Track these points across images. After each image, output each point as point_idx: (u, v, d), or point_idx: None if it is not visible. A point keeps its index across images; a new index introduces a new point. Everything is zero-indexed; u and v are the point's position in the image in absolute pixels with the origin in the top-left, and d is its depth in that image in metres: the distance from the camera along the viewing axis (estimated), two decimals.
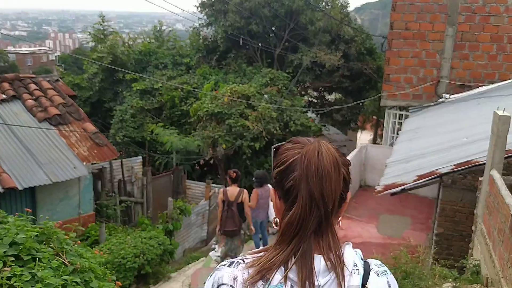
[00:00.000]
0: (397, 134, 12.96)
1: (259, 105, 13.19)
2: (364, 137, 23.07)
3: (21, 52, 56.92)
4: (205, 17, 17.55)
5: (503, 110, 4.72)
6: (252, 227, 7.31)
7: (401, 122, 12.66)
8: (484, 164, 5.09)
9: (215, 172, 15.83)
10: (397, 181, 6.52)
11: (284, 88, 14.54)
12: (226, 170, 14.87)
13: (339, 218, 1.09)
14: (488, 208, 4.29)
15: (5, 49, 51.71)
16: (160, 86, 16.61)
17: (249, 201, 7.14)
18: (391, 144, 13.16)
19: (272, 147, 2.48)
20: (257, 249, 1.09)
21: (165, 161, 14.28)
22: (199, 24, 18.16)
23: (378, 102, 20.84)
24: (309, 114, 17.63)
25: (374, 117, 21.65)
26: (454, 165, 6.03)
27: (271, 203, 8.52)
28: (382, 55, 16.72)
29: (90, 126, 9.10)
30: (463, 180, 5.54)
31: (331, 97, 19.67)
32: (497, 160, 4.14)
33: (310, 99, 18.87)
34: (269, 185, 7.46)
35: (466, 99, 10.83)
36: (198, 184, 13.46)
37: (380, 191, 6.39)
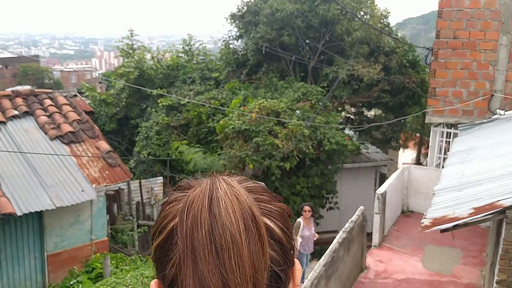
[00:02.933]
0: (445, 154, 11.92)
1: (290, 121, 12.48)
2: (406, 156, 21.87)
3: (65, 70, 59.09)
4: (235, 29, 17.15)
5: None
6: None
7: (449, 141, 11.63)
8: None
9: None
10: (449, 214, 5.62)
11: (318, 103, 13.78)
12: None
13: None
14: None
15: (52, 67, 53.65)
16: (187, 102, 16.23)
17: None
18: (437, 166, 12.13)
19: (159, 203, 1.45)
20: None
21: None
22: (229, 37, 17.77)
23: (422, 119, 19.68)
24: (347, 131, 16.76)
25: (418, 134, 20.47)
26: None
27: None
28: (427, 68, 15.69)
29: (104, 145, 8.66)
30: None
31: (370, 113, 18.70)
32: None
33: (347, 115, 17.98)
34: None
35: None
36: None
37: (427, 226, 5.51)
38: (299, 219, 8.95)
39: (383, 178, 17.90)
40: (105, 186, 8.95)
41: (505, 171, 6.36)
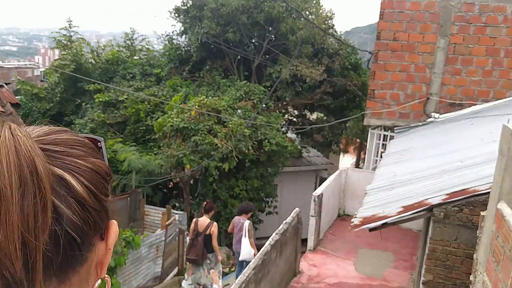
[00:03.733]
0: (381, 157, 11.98)
1: (230, 120, 12.12)
2: (346, 160, 22.09)
3: (5, 66, 56.07)
4: (179, 24, 16.60)
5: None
6: (219, 257, 8.14)
7: (386, 144, 11.71)
8: (487, 193, 4.04)
9: (182, 196, 14.60)
10: (378, 213, 5.44)
11: (260, 103, 13.51)
12: (192, 194, 13.67)
13: (96, 285, 0.60)
14: (494, 254, 3.22)
15: None
16: (126, 98, 15.48)
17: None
18: (375, 168, 12.17)
19: None
20: None
21: (123, 182, 13.02)
22: (173, 32, 17.21)
23: (362, 124, 19.99)
24: (289, 134, 16.62)
25: (357, 140, 20.76)
26: (447, 194, 4.98)
27: (244, 239, 7.91)
28: (368, 71, 15.87)
29: None
30: (458, 214, 4.47)
31: (313, 116, 18.71)
32: (507, 189, 3.08)
33: (290, 117, 17.87)
34: (246, 218, 8.21)
35: (457, 119, 9.89)
36: (158, 210, 12.18)
37: (356, 225, 5.29)
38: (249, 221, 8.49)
39: (323, 182, 17.93)
40: None
41: (435, 170, 6.30)
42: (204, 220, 7.59)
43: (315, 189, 16.16)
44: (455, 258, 4.47)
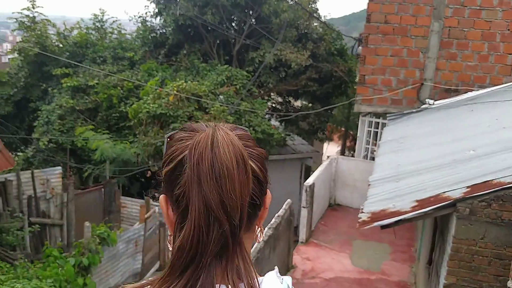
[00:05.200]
0: (373, 145, 11.67)
1: (212, 106, 11.51)
2: (331, 149, 21.83)
3: None
4: (153, 5, 15.76)
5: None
6: None
7: (377, 132, 11.38)
8: None
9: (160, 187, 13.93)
10: (388, 208, 5.03)
11: (243, 88, 12.94)
12: None
13: (257, 232, 0.90)
14: None
15: None
16: (96, 83, 14.62)
17: None
18: (365, 157, 11.86)
19: (166, 135, 1.19)
20: (141, 283, 0.85)
21: (95, 172, 12.27)
22: (146, 13, 16.35)
23: (348, 111, 19.68)
24: (272, 121, 16.12)
25: (342, 128, 20.48)
26: (468, 187, 4.59)
27: None
28: (354, 57, 15.50)
29: None
30: (486, 210, 4.08)
31: (297, 103, 18.27)
32: None
33: (273, 104, 17.36)
34: None
35: (453, 106, 9.60)
36: (135, 202, 11.52)
37: (365, 222, 4.87)
38: None
39: (308, 171, 17.57)
40: None
41: (444, 160, 5.94)
42: None
43: (301, 178, 15.86)
44: (481, 259, 4.10)
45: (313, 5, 15.52)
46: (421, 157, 6.56)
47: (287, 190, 14.25)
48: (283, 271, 8.07)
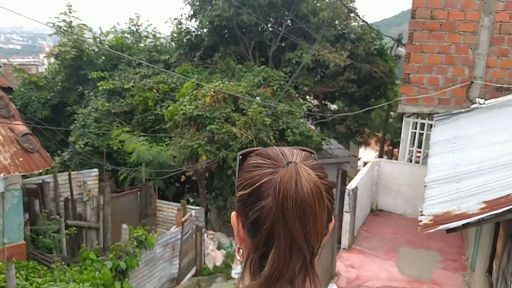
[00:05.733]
0: (418, 148, 11.17)
1: (250, 108, 11.29)
2: (367, 154, 21.25)
3: (8, 63, 55.57)
4: (188, 7, 15.74)
5: None
6: None
7: (423, 133, 10.89)
8: None
9: (196, 190, 13.78)
10: (453, 210, 4.63)
11: (280, 90, 12.67)
12: (207, 187, 12.87)
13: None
14: None
15: None
16: (132, 86, 14.66)
17: None
18: (410, 160, 11.36)
19: (238, 153, 0.99)
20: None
21: (132, 175, 12.22)
22: (181, 15, 16.36)
23: (386, 114, 19.12)
24: (308, 125, 15.79)
25: (378, 133, 19.93)
26: None
27: None
28: (394, 57, 15.02)
29: (20, 126, 7.11)
30: None
31: (333, 106, 17.86)
32: None
33: (309, 108, 17.02)
34: None
35: (506, 105, 9.04)
36: (172, 205, 11.38)
37: (428, 225, 4.48)
38: None
39: (345, 176, 17.10)
40: (22, 177, 7.39)
41: (508, 159, 5.49)
42: None
43: (337, 183, 15.44)
44: None
45: (352, 4, 15.16)
46: (480, 157, 6.12)
47: None
48: (326, 279, 7.70)
